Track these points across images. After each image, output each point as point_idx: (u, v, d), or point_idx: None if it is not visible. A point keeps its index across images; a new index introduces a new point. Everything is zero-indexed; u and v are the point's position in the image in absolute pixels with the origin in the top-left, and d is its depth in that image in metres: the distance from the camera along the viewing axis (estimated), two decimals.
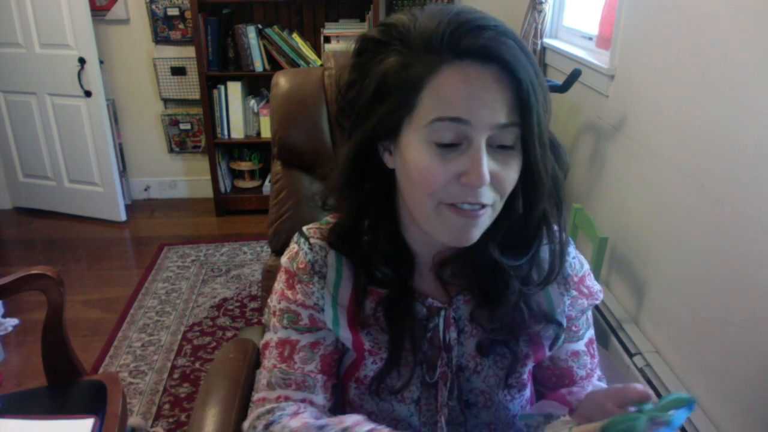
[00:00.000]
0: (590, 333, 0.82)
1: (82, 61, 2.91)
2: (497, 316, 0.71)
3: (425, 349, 0.73)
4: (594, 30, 2.48)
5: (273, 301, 0.77)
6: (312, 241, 0.75)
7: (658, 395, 1.56)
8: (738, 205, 1.36)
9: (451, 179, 0.60)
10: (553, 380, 0.82)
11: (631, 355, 1.72)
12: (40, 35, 2.95)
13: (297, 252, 0.76)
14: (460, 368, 0.75)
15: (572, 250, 0.77)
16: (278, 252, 1.25)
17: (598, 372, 0.84)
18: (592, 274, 0.81)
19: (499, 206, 0.64)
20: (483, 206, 0.62)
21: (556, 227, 0.70)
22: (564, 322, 0.76)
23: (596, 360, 0.83)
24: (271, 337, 0.76)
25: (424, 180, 0.61)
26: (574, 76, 2.23)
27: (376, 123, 0.63)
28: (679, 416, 0.55)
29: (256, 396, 0.76)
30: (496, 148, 0.60)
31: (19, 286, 1.36)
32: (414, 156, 0.61)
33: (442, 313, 0.73)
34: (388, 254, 0.71)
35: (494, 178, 0.60)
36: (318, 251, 0.74)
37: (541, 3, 2.69)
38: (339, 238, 0.73)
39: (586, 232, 1.93)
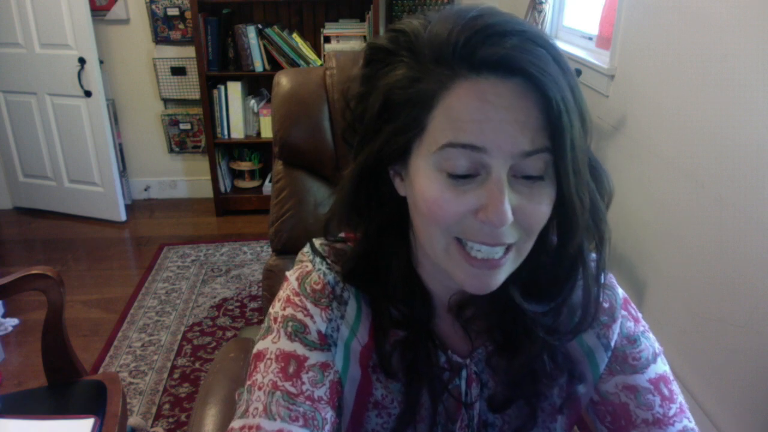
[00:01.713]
0: (661, 369, 0.67)
1: (82, 61, 2.91)
2: (514, 367, 0.61)
3: (447, 404, 0.64)
4: (594, 30, 2.48)
5: (275, 307, 0.64)
6: (330, 260, 0.64)
7: None
8: (738, 205, 1.36)
9: (466, 214, 0.51)
10: (608, 420, 0.65)
11: None
12: (40, 35, 2.95)
13: (310, 272, 0.64)
14: (484, 425, 0.66)
15: (612, 285, 0.66)
16: (279, 252, 1.25)
17: (686, 427, 0.64)
18: (631, 302, 0.69)
19: (528, 245, 0.54)
20: (506, 249, 0.53)
21: (594, 266, 0.58)
22: (601, 367, 0.64)
23: (675, 406, 0.65)
24: (267, 346, 0.60)
25: (433, 214, 0.52)
26: None
27: (382, 144, 0.54)
28: None
29: (240, 423, 0.56)
30: (522, 178, 0.51)
31: (19, 286, 1.36)
32: (423, 185, 0.52)
33: (464, 371, 0.63)
34: (402, 292, 0.61)
35: (519, 214, 0.51)
36: (338, 274, 0.63)
37: (541, 3, 2.69)
38: (353, 270, 0.62)
39: None
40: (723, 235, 1.41)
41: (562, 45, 2.68)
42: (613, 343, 0.64)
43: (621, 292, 0.67)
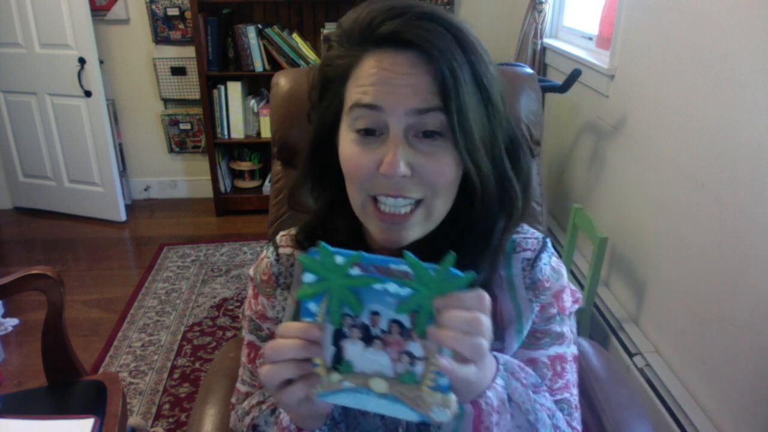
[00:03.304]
0: (561, 349, 0.70)
1: (82, 61, 2.91)
2: None
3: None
4: (594, 30, 2.48)
5: (244, 305, 0.78)
6: (281, 251, 0.74)
7: (658, 395, 1.56)
8: (738, 205, 1.36)
9: (373, 168, 0.58)
10: None
11: (631, 355, 1.72)
12: (40, 35, 2.95)
13: (262, 260, 0.76)
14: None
15: (546, 256, 0.71)
16: None
17: (565, 397, 0.69)
18: (570, 289, 0.73)
19: (437, 204, 0.60)
20: (415, 206, 0.60)
21: (498, 236, 0.65)
22: (525, 330, 0.69)
23: (563, 382, 0.70)
24: (244, 335, 0.78)
25: (348, 170, 0.61)
26: (574, 76, 2.23)
27: (321, 117, 0.64)
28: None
29: (237, 384, 0.79)
30: (423, 137, 0.58)
31: (19, 286, 1.36)
32: (342, 146, 0.61)
33: None
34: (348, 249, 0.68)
35: (419, 169, 0.58)
36: (284, 261, 0.74)
37: (541, 3, 2.69)
38: (306, 238, 0.71)
39: (586, 232, 1.93)
40: (723, 235, 1.41)
41: (562, 45, 2.68)
42: (536, 318, 0.70)
43: (563, 280, 0.72)
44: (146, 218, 3.40)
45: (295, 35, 3.15)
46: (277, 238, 0.77)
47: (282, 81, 1.24)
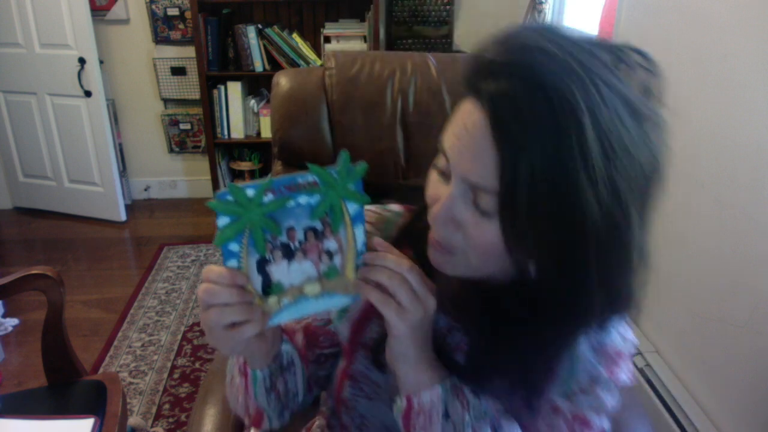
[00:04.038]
0: (592, 416, 0.63)
1: (82, 61, 2.91)
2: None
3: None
4: (594, 30, 2.48)
5: None
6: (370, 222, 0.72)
7: (658, 395, 1.56)
8: (738, 205, 1.36)
9: (432, 203, 0.59)
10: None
11: None
12: (40, 35, 2.95)
13: None
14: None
15: (623, 329, 0.65)
16: None
17: None
18: (630, 362, 0.66)
19: (475, 261, 0.57)
20: (451, 247, 0.58)
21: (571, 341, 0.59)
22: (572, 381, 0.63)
23: None
24: None
25: (426, 198, 0.60)
26: None
27: (436, 144, 0.61)
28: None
29: None
30: (475, 206, 0.54)
31: (19, 286, 1.36)
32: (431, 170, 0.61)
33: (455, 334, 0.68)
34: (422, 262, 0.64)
35: (460, 224, 0.55)
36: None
37: (541, 3, 2.69)
38: (395, 240, 0.68)
39: None
40: (723, 235, 1.41)
41: None
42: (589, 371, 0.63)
43: (628, 346, 0.66)
44: (146, 218, 3.40)
45: (295, 35, 3.15)
46: (370, 209, 0.75)
47: (283, 81, 1.24)
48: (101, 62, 3.10)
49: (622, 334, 0.65)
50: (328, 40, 3.13)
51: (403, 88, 1.23)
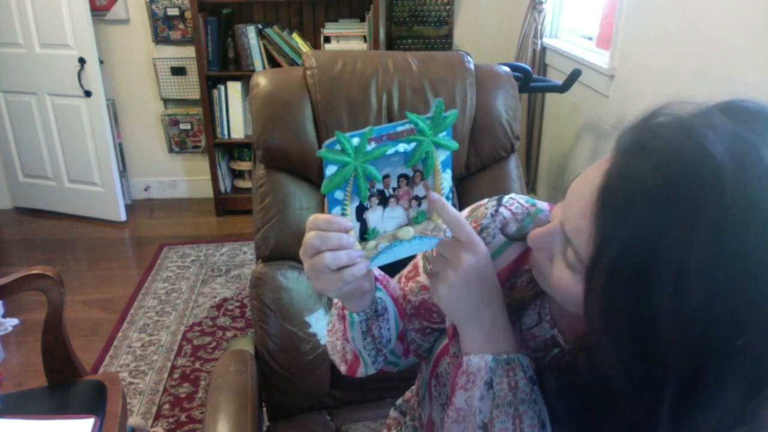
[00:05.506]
0: None
1: (82, 61, 2.91)
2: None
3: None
4: (594, 30, 2.48)
5: None
6: (501, 209, 0.73)
7: None
8: None
9: None
10: None
11: None
12: (40, 35, 2.95)
13: (480, 207, 0.75)
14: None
15: None
16: (267, 258, 1.22)
17: None
18: None
19: (558, 297, 0.59)
20: (539, 270, 0.60)
21: None
22: None
23: None
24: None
25: None
26: (574, 76, 2.23)
27: None
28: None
29: None
30: None
31: (19, 286, 1.36)
32: None
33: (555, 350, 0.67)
34: None
35: (552, 258, 0.57)
36: (498, 221, 0.72)
37: (541, 3, 2.69)
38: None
39: None
40: None
41: (562, 45, 2.68)
42: None
43: None
44: (146, 218, 3.40)
45: (295, 35, 3.15)
46: (506, 198, 0.75)
47: (262, 81, 1.21)
48: (101, 62, 3.10)
49: None
50: (328, 40, 3.13)
51: (388, 86, 1.22)
